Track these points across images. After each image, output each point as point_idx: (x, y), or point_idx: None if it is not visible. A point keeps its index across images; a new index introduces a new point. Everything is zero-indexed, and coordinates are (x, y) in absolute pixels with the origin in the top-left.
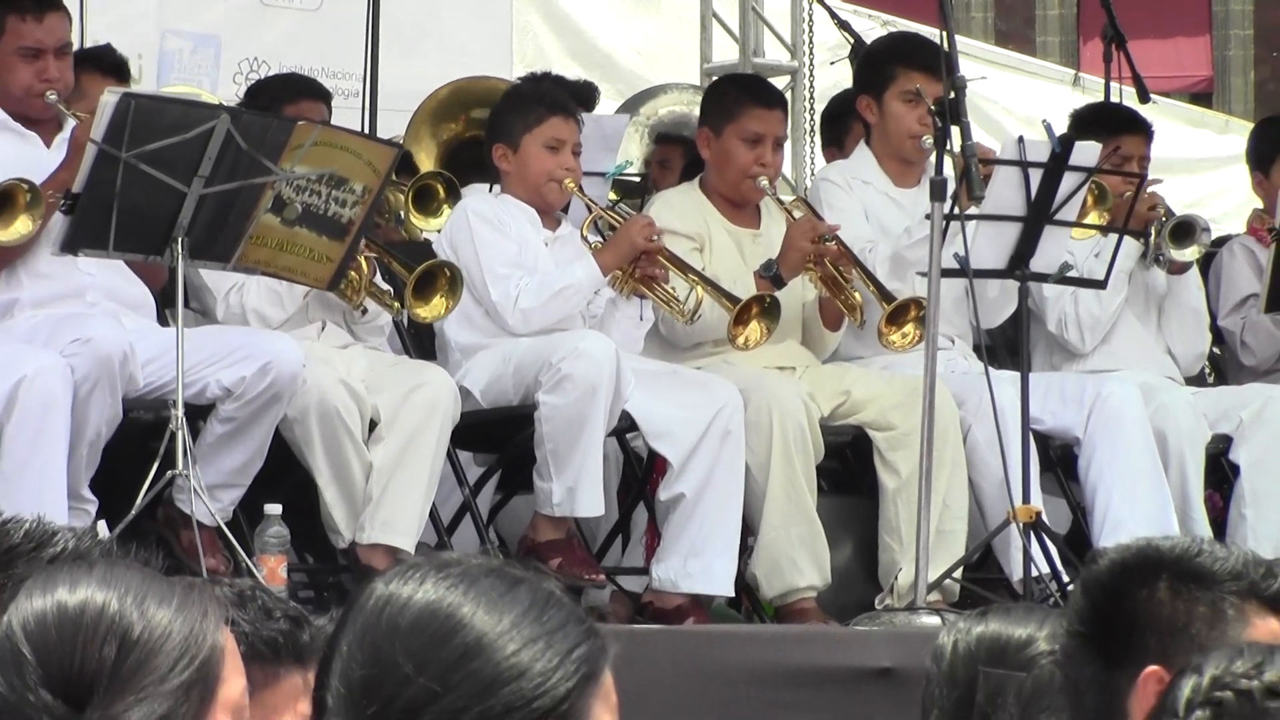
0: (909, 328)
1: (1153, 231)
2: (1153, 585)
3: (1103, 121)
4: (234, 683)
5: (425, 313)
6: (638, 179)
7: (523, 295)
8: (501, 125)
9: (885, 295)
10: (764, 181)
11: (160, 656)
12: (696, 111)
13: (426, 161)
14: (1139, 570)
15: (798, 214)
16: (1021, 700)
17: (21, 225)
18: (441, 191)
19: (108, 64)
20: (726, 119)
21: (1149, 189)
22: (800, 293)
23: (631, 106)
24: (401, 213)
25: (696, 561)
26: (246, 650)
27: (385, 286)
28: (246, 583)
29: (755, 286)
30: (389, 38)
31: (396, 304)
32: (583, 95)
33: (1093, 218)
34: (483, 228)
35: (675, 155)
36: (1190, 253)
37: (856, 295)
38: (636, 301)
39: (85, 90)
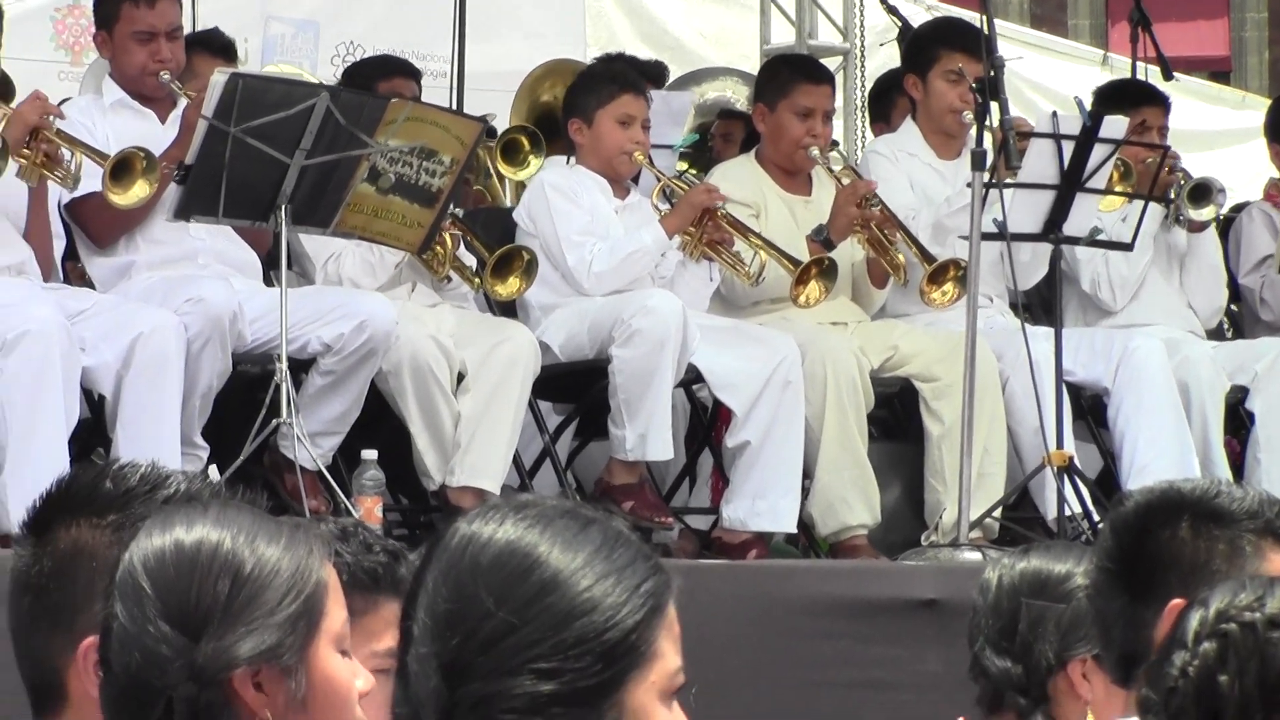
0: (948, 286)
1: (1172, 194)
2: (1175, 525)
3: (1124, 95)
4: (336, 615)
5: (503, 290)
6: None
7: (596, 260)
8: (577, 102)
9: (926, 256)
10: (814, 151)
11: (270, 591)
12: (730, 95)
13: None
14: (1162, 511)
15: (845, 181)
16: (1061, 629)
17: (139, 190)
18: (527, 144)
19: (216, 46)
20: (780, 95)
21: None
22: (850, 253)
23: (681, 86)
24: (490, 166)
25: (763, 502)
26: (349, 580)
27: (468, 261)
28: (350, 520)
29: (807, 249)
30: (473, 22)
31: (476, 280)
32: (653, 74)
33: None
34: (558, 199)
35: (736, 129)
36: (1207, 212)
37: (900, 256)
38: (705, 264)
39: (196, 70)
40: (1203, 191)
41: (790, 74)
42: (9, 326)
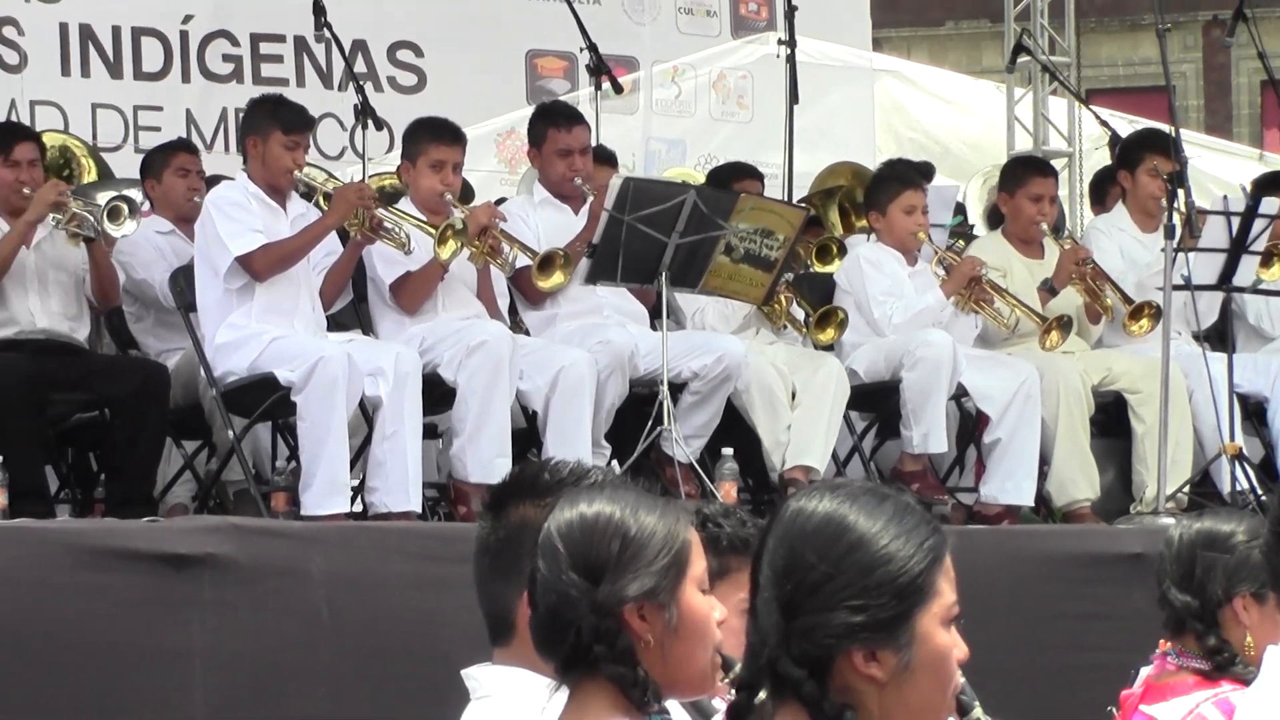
0: (1144, 321)
1: None
2: None
3: (1274, 182)
4: (698, 565)
5: (823, 338)
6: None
7: (895, 314)
8: (872, 197)
9: (1127, 299)
10: (1044, 226)
11: (649, 548)
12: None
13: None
14: None
15: (1066, 246)
16: (1227, 573)
17: (558, 277)
18: (835, 249)
19: (602, 156)
20: (1016, 185)
21: None
22: (1074, 301)
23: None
24: (809, 261)
25: (1010, 483)
26: (728, 545)
27: (798, 314)
28: (730, 505)
29: (1038, 296)
30: (798, 137)
31: (804, 329)
32: (924, 171)
33: None
34: (869, 267)
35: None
36: None
37: (1108, 300)
38: (973, 315)
39: (598, 175)
40: None
41: (1023, 170)
42: (471, 338)
